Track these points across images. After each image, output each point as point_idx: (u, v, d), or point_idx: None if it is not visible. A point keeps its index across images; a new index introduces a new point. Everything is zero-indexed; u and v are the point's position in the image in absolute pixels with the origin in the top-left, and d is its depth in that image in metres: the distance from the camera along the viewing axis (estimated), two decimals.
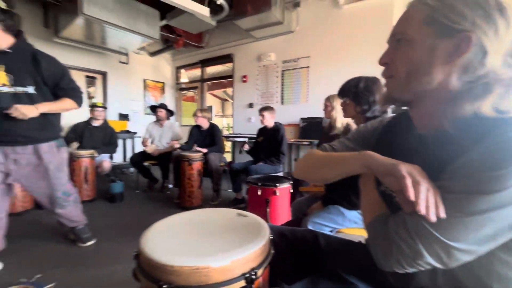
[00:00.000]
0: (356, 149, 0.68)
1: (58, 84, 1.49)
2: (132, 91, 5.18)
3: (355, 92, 1.15)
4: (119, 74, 4.93)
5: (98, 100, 4.74)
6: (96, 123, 3.14)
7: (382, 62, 0.57)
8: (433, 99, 0.50)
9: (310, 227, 1.16)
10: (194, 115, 3.08)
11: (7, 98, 1.33)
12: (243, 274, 0.55)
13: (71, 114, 4.46)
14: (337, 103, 1.49)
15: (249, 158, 3.04)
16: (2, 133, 1.38)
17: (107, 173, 3.05)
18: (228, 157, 5.30)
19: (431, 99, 0.51)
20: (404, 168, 0.45)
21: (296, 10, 3.77)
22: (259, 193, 1.75)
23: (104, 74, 4.76)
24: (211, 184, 2.92)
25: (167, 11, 3.93)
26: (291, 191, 1.87)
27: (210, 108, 6.33)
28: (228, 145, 4.76)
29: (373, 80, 1.15)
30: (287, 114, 4.00)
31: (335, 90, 1.61)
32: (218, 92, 9.06)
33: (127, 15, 3.28)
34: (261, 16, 3.43)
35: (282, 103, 4.17)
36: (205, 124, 3.12)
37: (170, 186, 3.38)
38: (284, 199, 1.83)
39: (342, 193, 1.20)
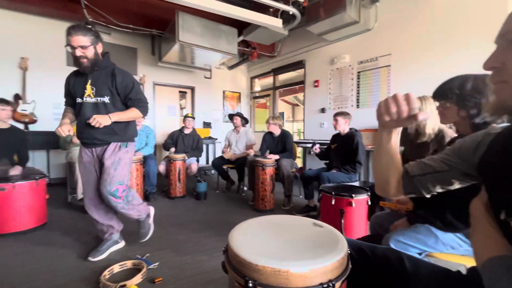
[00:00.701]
0: (459, 168, 0.62)
1: (127, 95, 1.68)
2: (214, 102, 5.86)
3: (459, 94, 0.95)
4: (203, 88, 5.67)
5: (188, 111, 5.58)
6: (187, 131, 3.71)
7: (489, 66, 0.50)
8: None
9: (392, 245, 1.06)
10: (267, 122, 3.23)
11: (90, 107, 1.61)
12: (321, 284, 0.57)
13: (170, 124, 5.36)
14: (427, 106, 1.29)
15: (321, 164, 2.98)
16: (87, 137, 1.67)
17: (194, 174, 3.56)
18: (299, 163, 5.29)
19: None
20: None
21: (374, 6, 3.48)
22: (333, 202, 1.70)
23: (192, 89, 5.57)
24: (283, 189, 3.00)
25: (244, 27, 4.30)
26: (369, 203, 1.74)
27: (281, 115, 6.48)
28: (299, 150, 4.77)
29: (483, 79, 0.93)
30: (364, 118, 3.72)
31: (422, 90, 1.43)
32: (289, 97, 9.17)
33: (211, 36, 3.77)
34: (334, 19, 3.33)
35: (358, 106, 3.90)
36: (277, 131, 3.23)
37: (245, 188, 3.65)
38: (360, 212, 1.72)
39: (436, 211, 1.03)
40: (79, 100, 1.62)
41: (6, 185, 2.04)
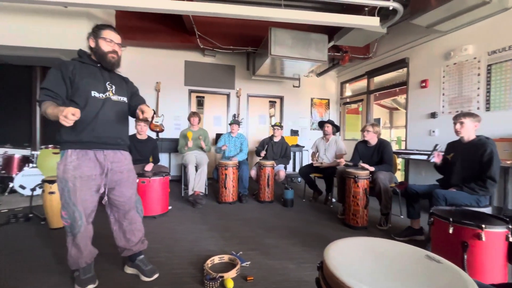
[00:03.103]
0: None
1: (133, 94, 1.67)
2: (301, 110, 5.90)
3: None
4: (292, 96, 5.81)
5: (277, 119, 5.84)
6: (276, 139, 3.88)
7: None
8: None
9: None
10: (364, 130, 2.93)
11: (113, 105, 1.50)
12: None
13: (260, 132, 5.75)
14: None
15: (429, 180, 2.47)
16: (108, 136, 1.48)
17: (282, 180, 3.67)
18: (399, 176, 4.61)
19: None
20: None
21: None
22: (451, 231, 1.38)
23: (281, 98, 5.80)
24: (379, 206, 2.67)
25: (334, 32, 4.16)
26: (510, 240, 1.31)
27: (377, 121, 5.84)
28: (399, 162, 4.13)
29: None
30: (498, 124, 2.87)
31: None
32: (386, 101, 8.12)
33: (301, 46, 3.83)
34: (451, 4, 2.76)
35: (487, 109, 3.05)
36: (373, 140, 2.92)
37: (334, 200, 3.46)
38: (494, 249, 1.32)
39: None
40: (98, 95, 1.43)
41: (146, 179, 2.72)
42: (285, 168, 3.90)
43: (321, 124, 3.70)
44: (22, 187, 3.45)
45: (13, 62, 4.46)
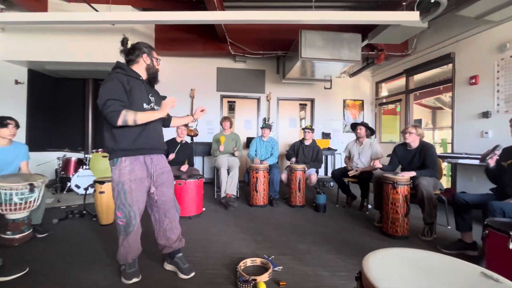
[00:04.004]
0: None
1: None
2: (333, 112, 5.72)
3: None
4: (323, 98, 5.67)
5: (307, 122, 5.74)
6: (307, 142, 3.82)
7: None
8: None
9: None
10: (405, 132, 2.70)
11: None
12: None
13: (291, 135, 5.71)
14: None
15: (482, 188, 2.21)
16: (154, 142, 1.62)
17: (313, 185, 3.59)
18: (445, 183, 4.23)
19: None
20: None
21: None
22: (511, 246, 1.22)
23: (312, 101, 5.70)
24: (422, 214, 2.46)
25: (368, 30, 3.99)
26: None
27: (419, 122, 5.43)
28: (444, 166, 3.77)
29: None
30: None
31: None
32: (428, 100, 7.50)
33: (332, 47, 3.73)
34: None
35: None
36: (415, 143, 2.71)
37: (370, 206, 3.28)
38: None
39: None
40: (147, 106, 1.56)
41: (182, 181, 2.87)
42: (317, 172, 3.81)
43: (354, 127, 3.54)
44: (77, 186, 3.88)
45: (69, 76, 5.07)
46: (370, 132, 3.45)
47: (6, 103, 4.12)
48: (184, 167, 3.37)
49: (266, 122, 4.58)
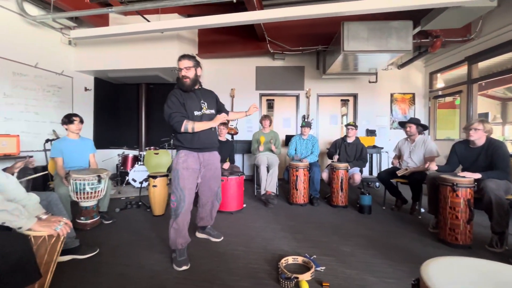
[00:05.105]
0: None
1: (220, 108, 2.12)
2: (379, 107, 5.33)
3: None
4: (367, 93, 5.33)
5: (349, 119, 5.47)
6: (349, 140, 3.64)
7: None
8: None
9: None
10: (468, 128, 2.38)
11: (208, 117, 1.93)
12: None
13: (332, 132, 5.52)
14: None
15: None
16: (209, 142, 1.96)
17: (357, 185, 3.41)
18: None
19: None
20: None
21: None
22: None
23: (355, 96, 5.40)
24: (490, 222, 2.15)
25: (421, 16, 3.62)
26: None
27: (485, 116, 4.75)
28: None
29: None
30: None
31: None
32: (496, 90, 6.46)
33: (379, 37, 3.47)
34: None
35: None
36: (481, 140, 2.38)
37: (422, 210, 2.99)
38: None
39: None
40: (197, 113, 1.87)
41: (224, 178, 3.00)
42: (361, 171, 3.61)
43: (402, 125, 3.25)
44: (134, 180, 4.34)
45: (126, 82, 5.67)
46: (422, 128, 3.12)
47: (79, 107, 4.81)
48: (226, 165, 3.51)
49: (306, 120, 4.49)
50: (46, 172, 2.16)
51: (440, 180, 2.25)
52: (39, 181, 3.28)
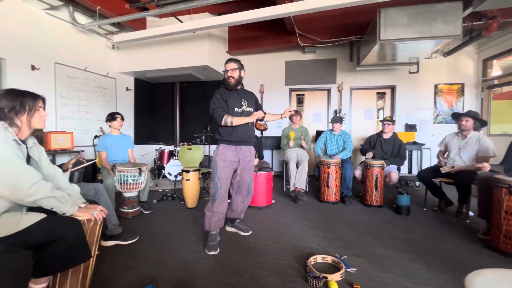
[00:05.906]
0: None
1: (258, 108, 2.25)
2: (420, 100, 4.90)
3: None
4: (407, 85, 4.92)
5: (386, 113, 5.11)
6: (386, 136, 3.41)
7: None
8: None
9: None
10: None
11: (247, 114, 2.09)
12: None
13: (366, 127, 5.24)
14: None
15: None
16: (246, 136, 2.12)
17: (394, 183, 3.19)
18: None
19: None
20: None
21: None
22: None
23: (392, 88, 5.02)
24: None
25: None
26: None
27: None
28: None
29: None
30: None
31: None
32: None
33: (422, 22, 3.16)
34: None
35: None
36: None
37: (471, 214, 2.70)
38: None
39: None
40: (238, 109, 2.09)
41: (254, 173, 3.03)
42: (399, 169, 3.36)
43: (457, 117, 2.89)
44: (169, 173, 4.62)
45: (162, 81, 6.00)
46: (480, 123, 2.77)
47: (122, 106, 5.23)
48: (255, 161, 3.54)
49: (336, 115, 4.31)
50: (95, 160, 2.41)
51: (494, 180, 2.00)
52: (89, 173, 3.67)
